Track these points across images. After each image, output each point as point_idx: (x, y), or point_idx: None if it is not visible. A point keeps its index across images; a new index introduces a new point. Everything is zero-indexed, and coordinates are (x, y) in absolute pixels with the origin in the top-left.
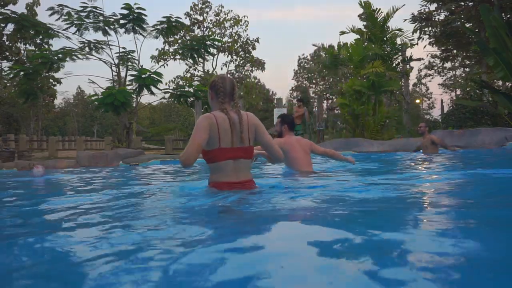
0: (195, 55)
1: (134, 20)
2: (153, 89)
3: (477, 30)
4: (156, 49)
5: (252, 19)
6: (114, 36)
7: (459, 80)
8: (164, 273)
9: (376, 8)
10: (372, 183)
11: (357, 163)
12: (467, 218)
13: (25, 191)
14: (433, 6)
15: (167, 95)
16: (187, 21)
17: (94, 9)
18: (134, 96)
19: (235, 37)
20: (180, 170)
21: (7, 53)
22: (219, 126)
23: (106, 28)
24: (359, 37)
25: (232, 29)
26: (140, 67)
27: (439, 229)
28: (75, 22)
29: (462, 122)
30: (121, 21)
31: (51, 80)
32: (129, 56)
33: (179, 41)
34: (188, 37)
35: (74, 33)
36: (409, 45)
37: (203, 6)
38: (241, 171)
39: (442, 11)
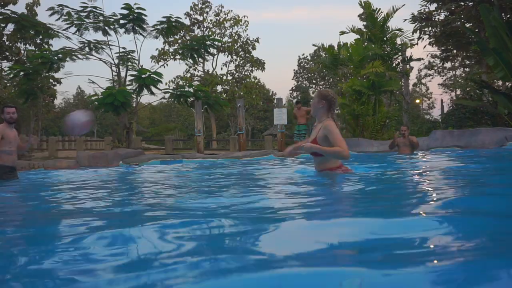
0: (195, 55)
1: (134, 20)
2: (153, 89)
3: (477, 30)
4: (156, 49)
5: (252, 19)
6: (114, 36)
7: (459, 80)
8: None
9: (376, 8)
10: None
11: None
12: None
13: (25, 191)
14: (433, 6)
15: (167, 95)
16: (187, 21)
17: (94, 9)
18: (134, 96)
19: (235, 37)
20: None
21: (7, 53)
22: None
23: (106, 28)
24: (359, 37)
25: (232, 29)
26: (140, 67)
27: None
28: (75, 22)
29: (462, 122)
30: (121, 21)
31: (51, 80)
32: (129, 56)
33: (179, 41)
34: (188, 37)
35: (74, 33)
36: (409, 45)
37: (203, 6)
38: None
39: (442, 11)
